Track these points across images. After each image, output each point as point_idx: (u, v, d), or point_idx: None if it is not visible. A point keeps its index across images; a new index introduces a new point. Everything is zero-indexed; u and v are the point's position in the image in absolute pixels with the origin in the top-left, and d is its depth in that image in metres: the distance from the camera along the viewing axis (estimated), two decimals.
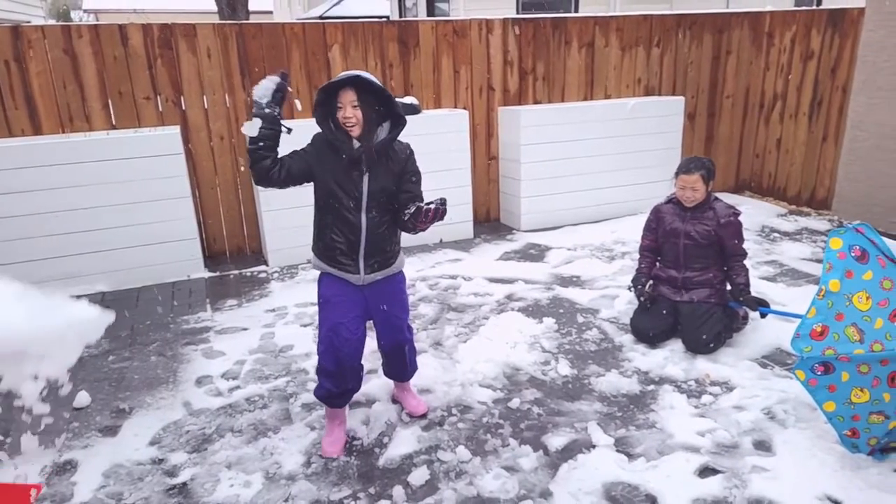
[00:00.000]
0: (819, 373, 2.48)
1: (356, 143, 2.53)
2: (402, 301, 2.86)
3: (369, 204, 2.60)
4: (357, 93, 2.49)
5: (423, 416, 2.98)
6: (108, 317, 2.26)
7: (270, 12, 28.01)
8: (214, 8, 12.41)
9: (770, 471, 2.51)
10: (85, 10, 30.34)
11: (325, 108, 2.55)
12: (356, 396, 2.96)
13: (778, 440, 2.70)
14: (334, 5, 23.18)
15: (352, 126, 2.52)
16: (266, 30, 5.27)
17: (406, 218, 2.50)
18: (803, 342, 2.50)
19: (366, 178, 2.58)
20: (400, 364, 2.95)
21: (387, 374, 3.04)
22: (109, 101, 4.98)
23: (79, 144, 4.53)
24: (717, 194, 3.72)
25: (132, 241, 4.77)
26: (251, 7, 13.71)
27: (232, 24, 5.27)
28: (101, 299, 4.58)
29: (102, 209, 4.62)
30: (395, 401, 3.10)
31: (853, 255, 2.49)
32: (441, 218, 2.42)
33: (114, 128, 4.99)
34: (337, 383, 2.69)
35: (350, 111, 2.50)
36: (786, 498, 2.36)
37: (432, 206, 2.38)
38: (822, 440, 2.65)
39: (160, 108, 5.11)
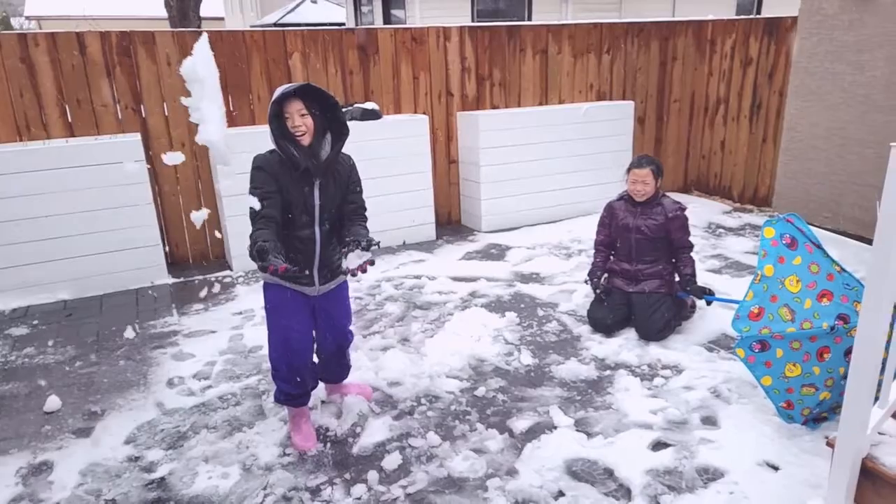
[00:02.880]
0: (756, 350, 2.71)
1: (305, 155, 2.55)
2: (347, 307, 2.98)
3: (321, 217, 2.65)
4: (304, 101, 2.53)
5: (394, 406, 3.11)
6: None
7: (222, 18, 27.73)
8: (165, 14, 12.27)
9: (715, 442, 2.73)
10: (27, 17, 29.48)
11: (277, 120, 2.56)
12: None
13: (723, 415, 2.93)
14: (289, 12, 23.10)
15: (301, 135, 2.54)
16: (226, 37, 5.33)
17: (344, 250, 2.50)
18: (742, 323, 2.73)
19: (316, 192, 2.62)
20: (341, 365, 3.06)
21: (324, 378, 3.10)
22: (67, 109, 4.96)
23: (37, 152, 4.50)
24: (668, 193, 3.96)
25: (94, 248, 4.76)
26: (202, 13, 13.64)
27: (192, 31, 5.32)
28: (64, 307, 4.56)
29: (62, 217, 4.60)
30: (332, 397, 3.20)
31: (784, 242, 2.73)
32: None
33: (72, 136, 4.98)
34: (294, 385, 2.78)
35: (298, 120, 2.53)
36: (729, 465, 2.58)
37: (367, 259, 2.43)
38: (761, 413, 2.89)
39: (119, 116, 5.11)
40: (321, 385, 3.15)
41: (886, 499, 1.96)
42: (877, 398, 2.03)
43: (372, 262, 2.45)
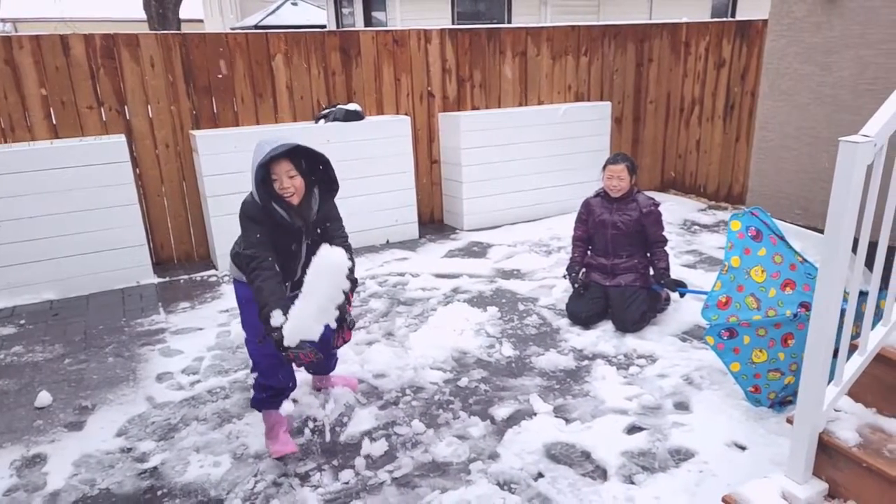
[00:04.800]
0: (725, 337, 2.86)
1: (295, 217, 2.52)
2: None
3: (307, 259, 2.62)
4: (291, 160, 2.46)
5: (379, 396, 3.21)
6: None
7: (201, 20, 27.58)
8: (143, 17, 12.24)
9: (687, 425, 2.86)
10: (1, 20, 29.08)
11: (263, 180, 2.47)
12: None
13: (694, 400, 3.07)
14: (269, 14, 23.05)
15: (290, 196, 2.48)
16: (210, 39, 5.39)
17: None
18: (711, 312, 2.87)
19: (304, 247, 2.66)
20: (328, 356, 3.05)
21: (311, 370, 3.14)
22: (52, 111, 4.99)
23: (22, 154, 4.53)
24: (645, 192, 4.11)
25: (79, 249, 4.80)
26: (181, 15, 13.62)
27: (175, 33, 5.37)
28: (50, 307, 4.60)
29: (47, 218, 4.64)
30: (317, 389, 3.26)
31: (750, 234, 2.87)
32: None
33: (57, 137, 5.01)
34: (275, 379, 2.75)
35: (287, 182, 2.46)
36: (700, 446, 2.71)
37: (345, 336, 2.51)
38: (730, 398, 3.03)
39: (104, 118, 5.15)
40: (309, 377, 3.24)
41: (842, 470, 2.10)
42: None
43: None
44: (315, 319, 2.34)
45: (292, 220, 2.53)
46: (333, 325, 2.53)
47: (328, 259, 2.32)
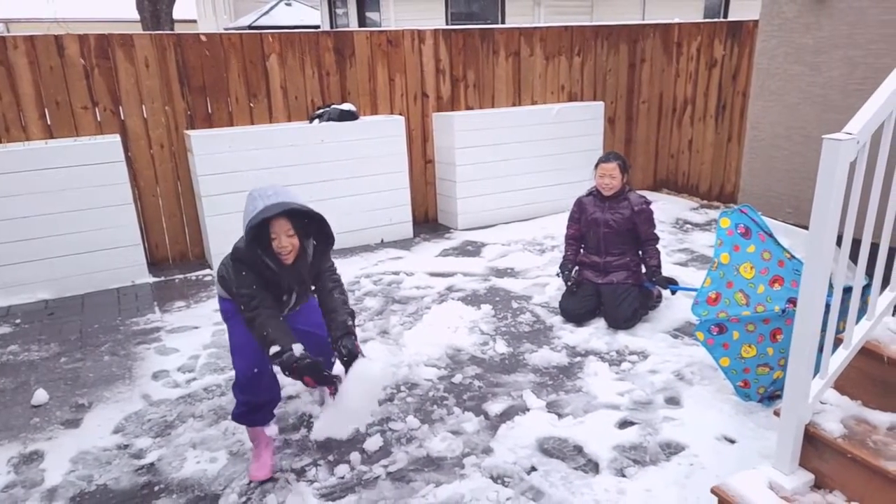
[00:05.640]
0: (715, 333, 2.90)
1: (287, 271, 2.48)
2: (319, 311, 2.77)
3: (296, 304, 2.70)
4: (290, 218, 2.38)
5: None
6: None
7: (195, 21, 27.54)
8: (136, 17, 12.22)
9: (678, 420, 2.91)
10: None
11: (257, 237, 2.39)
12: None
13: (685, 395, 3.11)
14: (262, 15, 23.03)
15: (287, 254, 2.42)
16: (204, 39, 5.41)
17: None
18: (701, 308, 2.92)
19: (294, 297, 2.65)
20: (323, 355, 2.98)
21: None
22: (46, 111, 5.00)
23: (17, 154, 4.55)
24: (638, 191, 4.15)
25: (74, 248, 4.81)
26: (175, 16, 13.61)
27: (170, 34, 5.39)
28: (45, 307, 4.61)
29: (42, 218, 4.65)
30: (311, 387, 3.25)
31: (739, 231, 2.92)
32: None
33: (52, 137, 5.02)
34: (255, 394, 2.61)
35: (286, 241, 2.38)
36: (690, 440, 2.76)
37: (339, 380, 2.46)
38: (721, 393, 3.08)
39: (98, 118, 5.16)
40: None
41: (828, 461, 2.14)
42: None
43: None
44: (347, 419, 2.59)
45: (284, 280, 2.49)
46: (367, 421, 2.69)
47: (365, 373, 2.44)
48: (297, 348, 2.39)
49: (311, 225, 2.51)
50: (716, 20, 7.50)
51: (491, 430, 2.91)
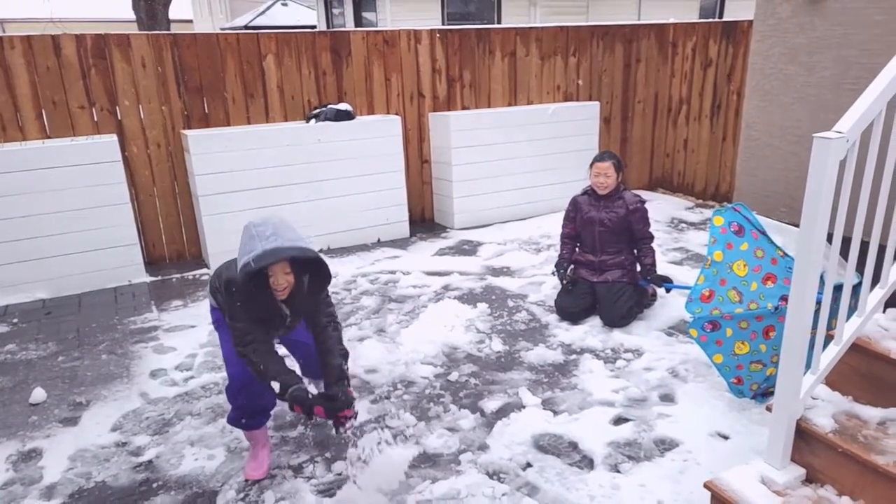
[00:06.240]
0: (708, 330, 2.93)
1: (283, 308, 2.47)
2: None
3: (288, 332, 2.69)
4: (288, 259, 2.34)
5: (371, 391, 3.26)
6: None
7: (191, 21, 27.50)
8: (132, 17, 12.20)
9: (672, 416, 2.94)
10: None
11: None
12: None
13: (679, 392, 3.14)
14: (259, 15, 23.00)
15: (282, 290, 2.39)
16: (200, 40, 5.42)
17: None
18: (695, 305, 2.94)
19: (288, 321, 2.60)
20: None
21: (304, 373, 3.07)
22: (43, 111, 5.01)
23: (14, 153, 4.55)
24: (633, 190, 4.18)
25: (71, 248, 4.82)
26: (171, 16, 13.59)
27: (167, 34, 5.40)
28: (43, 306, 4.62)
29: (39, 217, 4.66)
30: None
31: (732, 230, 2.95)
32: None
33: (48, 137, 5.03)
34: (250, 400, 2.60)
35: (283, 279, 2.36)
36: (684, 436, 2.79)
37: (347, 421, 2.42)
38: (714, 390, 3.11)
39: (95, 118, 5.17)
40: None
41: (819, 456, 2.17)
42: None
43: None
44: None
45: (279, 318, 2.48)
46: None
47: None
48: (304, 385, 2.35)
49: (309, 262, 2.43)
50: (710, 20, 7.53)
51: (487, 426, 2.94)
